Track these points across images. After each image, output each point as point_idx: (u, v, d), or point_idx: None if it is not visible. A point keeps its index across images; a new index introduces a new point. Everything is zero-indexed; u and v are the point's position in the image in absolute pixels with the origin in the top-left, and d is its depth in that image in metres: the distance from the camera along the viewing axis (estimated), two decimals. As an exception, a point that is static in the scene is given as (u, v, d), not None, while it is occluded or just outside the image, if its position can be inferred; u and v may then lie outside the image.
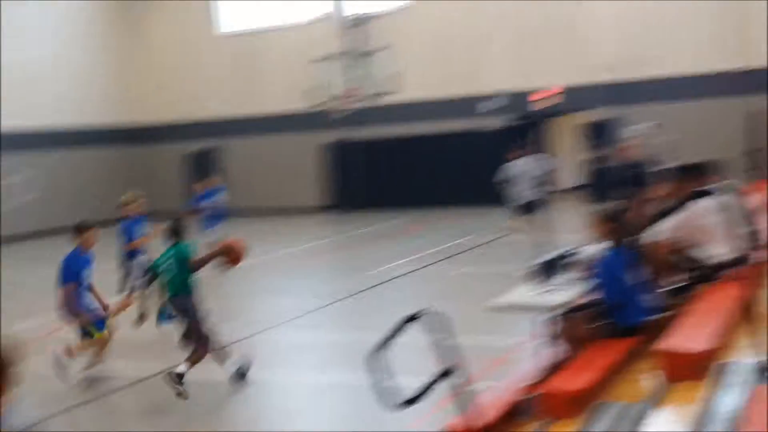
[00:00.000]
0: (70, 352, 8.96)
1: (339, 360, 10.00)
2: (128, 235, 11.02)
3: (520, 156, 17.69)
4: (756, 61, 21.07)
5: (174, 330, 8.88)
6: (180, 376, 8.12)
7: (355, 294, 13.06)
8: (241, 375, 8.55)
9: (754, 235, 7.47)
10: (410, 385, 4.63)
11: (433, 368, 4.45)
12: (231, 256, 8.68)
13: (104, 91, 28.24)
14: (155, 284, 8.82)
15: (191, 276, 8.42)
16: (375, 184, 26.07)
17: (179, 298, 8.43)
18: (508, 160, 17.75)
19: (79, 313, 8.91)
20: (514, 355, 8.72)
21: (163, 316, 9.36)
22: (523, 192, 16.95)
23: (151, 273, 9.11)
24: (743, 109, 21.48)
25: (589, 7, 22.95)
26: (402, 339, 4.65)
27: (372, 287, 13.48)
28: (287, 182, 27.29)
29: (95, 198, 25.19)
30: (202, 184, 17.00)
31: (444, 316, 4.35)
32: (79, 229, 9.08)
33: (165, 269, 8.44)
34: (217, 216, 16.35)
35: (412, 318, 4.66)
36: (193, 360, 8.27)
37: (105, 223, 11.86)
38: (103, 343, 9.00)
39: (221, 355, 8.59)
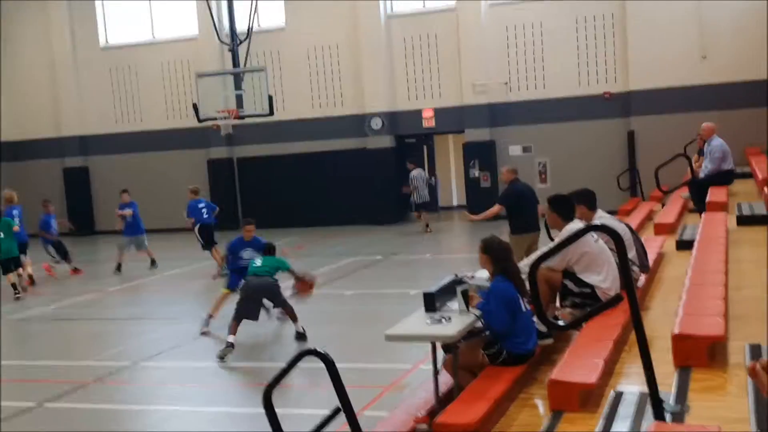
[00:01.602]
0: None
1: (230, 390, 9.82)
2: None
3: (415, 167, 22.41)
4: (638, 84, 22.03)
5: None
6: (301, 334, 11.11)
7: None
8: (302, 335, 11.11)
9: (640, 260, 7.75)
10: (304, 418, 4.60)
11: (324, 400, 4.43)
12: (305, 289, 11.56)
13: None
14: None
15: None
16: (258, 203, 25.81)
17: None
18: (409, 170, 22.35)
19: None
20: (407, 381, 8.75)
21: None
22: (422, 194, 22.06)
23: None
24: (624, 129, 22.39)
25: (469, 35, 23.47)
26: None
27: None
28: (168, 201, 26.75)
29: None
30: (126, 194, 19.20)
31: (329, 357, 4.30)
32: (245, 225, 12.21)
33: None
34: (135, 226, 18.79)
35: (306, 353, 4.62)
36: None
37: None
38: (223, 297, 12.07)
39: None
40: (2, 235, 16.30)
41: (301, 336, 11.16)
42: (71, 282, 17.95)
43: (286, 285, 11.64)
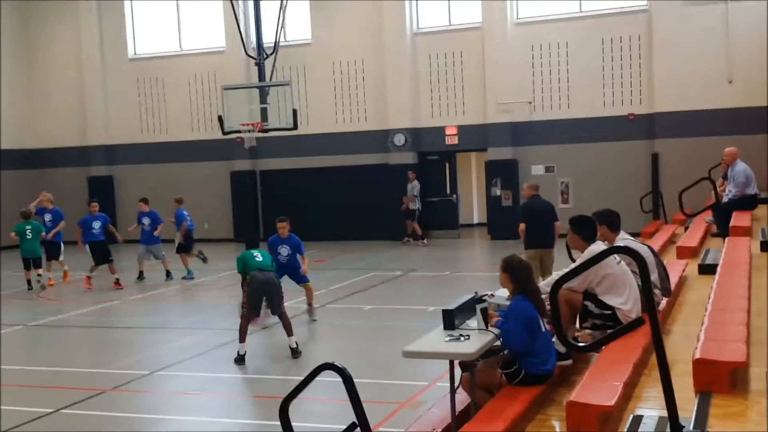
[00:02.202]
0: None
1: (246, 401, 9.82)
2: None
3: (414, 179, 23.83)
4: (663, 106, 21.93)
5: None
6: (294, 350, 10.97)
7: (262, 328, 12.84)
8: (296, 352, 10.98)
9: (662, 283, 7.68)
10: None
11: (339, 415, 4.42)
12: None
13: (9, 116, 27.53)
14: None
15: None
16: (279, 216, 25.84)
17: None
18: (410, 180, 23.78)
19: None
20: (423, 398, 8.71)
21: None
22: (415, 204, 23.75)
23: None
24: (648, 151, 22.28)
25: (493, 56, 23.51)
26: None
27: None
28: (192, 213, 26.86)
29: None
30: (144, 204, 19.25)
31: (347, 372, 4.28)
32: (277, 222, 12.96)
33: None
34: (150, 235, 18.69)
35: (324, 367, 4.60)
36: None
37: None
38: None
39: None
40: (30, 236, 17.65)
41: (295, 352, 11.02)
42: (91, 290, 18.00)
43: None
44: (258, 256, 11.24)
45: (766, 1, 20.15)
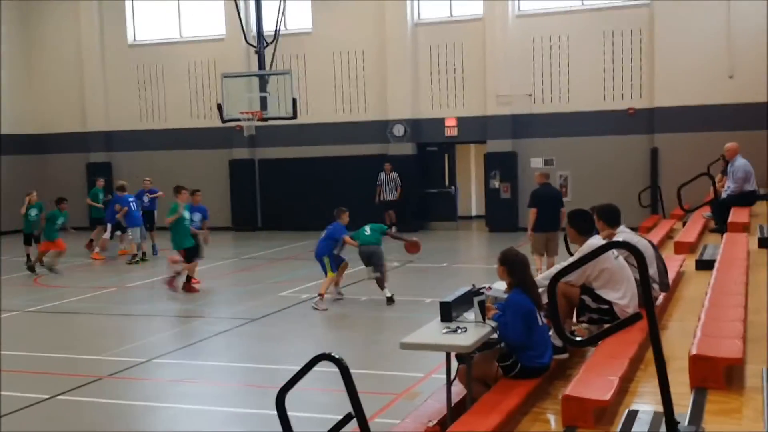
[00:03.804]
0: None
1: (243, 390, 9.83)
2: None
3: (390, 170, 24.13)
4: (663, 101, 21.92)
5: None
6: (390, 299, 13.49)
7: (260, 318, 12.86)
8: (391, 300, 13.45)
9: (660, 278, 7.68)
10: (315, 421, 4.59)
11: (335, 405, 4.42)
12: (414, 248, 14.36)
13: (9, 101, 27.51)
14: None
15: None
16: (278, 205, 25.91)
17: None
18: (385, 171, 24.15)
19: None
20: (419, 389, 8.72)
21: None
22: (388, 194, 24.12)
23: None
24: (647, 146, 22.28)
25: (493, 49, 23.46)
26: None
27: (279, 310, 13.32)
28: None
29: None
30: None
31: (344, 363, 4.28)
32: (337, 212, 14.42)
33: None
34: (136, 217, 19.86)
35: (321, 358, 4.60)
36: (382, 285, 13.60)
37: None
38: (331, 280, 13.89)
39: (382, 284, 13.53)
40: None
41: (390, 300, 13.38)
42: (90, 275, 17.99)
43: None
44: (367, 230, 13.77)
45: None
